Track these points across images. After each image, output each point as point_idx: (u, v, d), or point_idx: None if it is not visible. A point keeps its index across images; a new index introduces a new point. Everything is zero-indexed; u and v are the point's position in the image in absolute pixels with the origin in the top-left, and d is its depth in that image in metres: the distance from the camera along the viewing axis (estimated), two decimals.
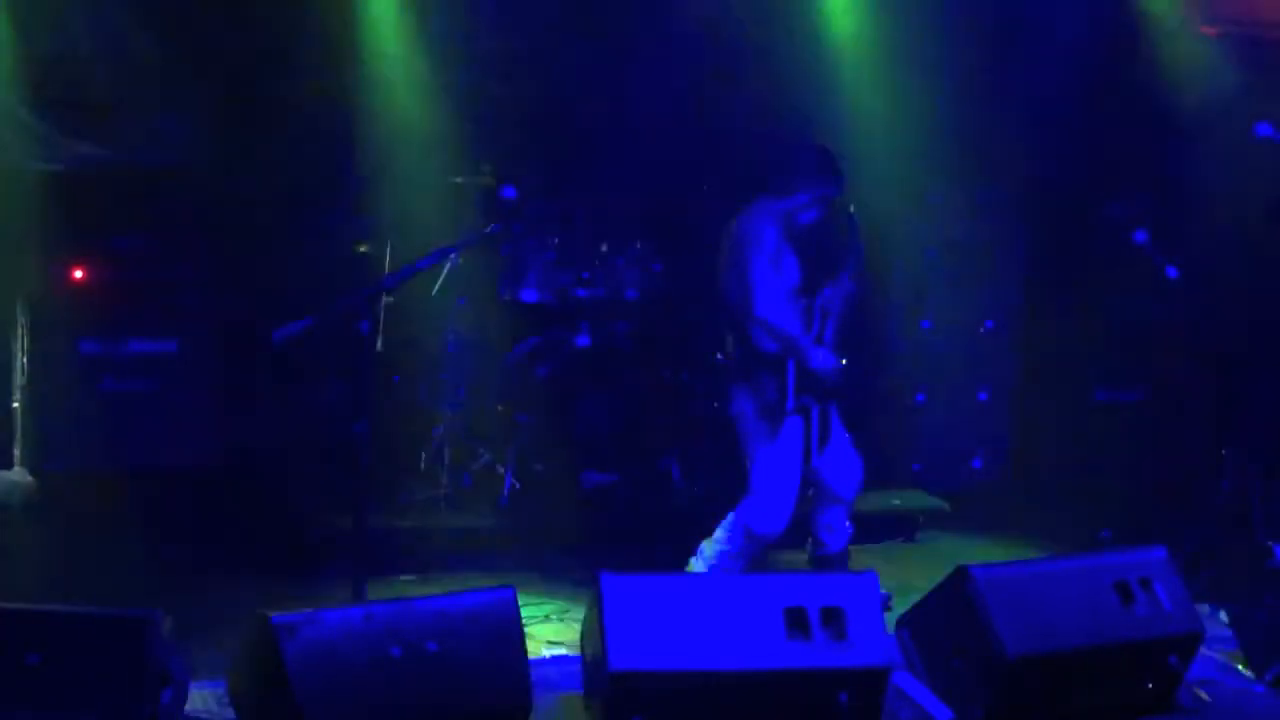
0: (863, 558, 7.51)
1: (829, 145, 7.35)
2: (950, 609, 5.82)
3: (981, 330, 9.81)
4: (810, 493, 7.24)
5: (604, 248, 8.45)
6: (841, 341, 7.12)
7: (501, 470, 8.22)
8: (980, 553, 8.30)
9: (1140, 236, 7.81)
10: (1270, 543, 6.46)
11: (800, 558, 7.47)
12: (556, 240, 8.43)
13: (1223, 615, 6.66)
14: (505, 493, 8.19)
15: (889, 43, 8.91)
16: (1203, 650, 6.09)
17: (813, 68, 8.92)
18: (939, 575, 6.04)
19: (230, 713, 5.47)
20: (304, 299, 8.04)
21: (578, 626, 6.21)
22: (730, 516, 7.11)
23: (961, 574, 5.77)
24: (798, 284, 7.06)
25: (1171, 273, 7.79)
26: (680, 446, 8.46)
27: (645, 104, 8.71)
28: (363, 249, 8.54)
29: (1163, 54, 9.23)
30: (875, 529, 7.93)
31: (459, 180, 8.45)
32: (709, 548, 7.10)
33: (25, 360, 9.23)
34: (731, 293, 7.06)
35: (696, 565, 7.07)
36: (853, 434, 7.32)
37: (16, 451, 9.21)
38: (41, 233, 8.96)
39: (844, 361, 7.13)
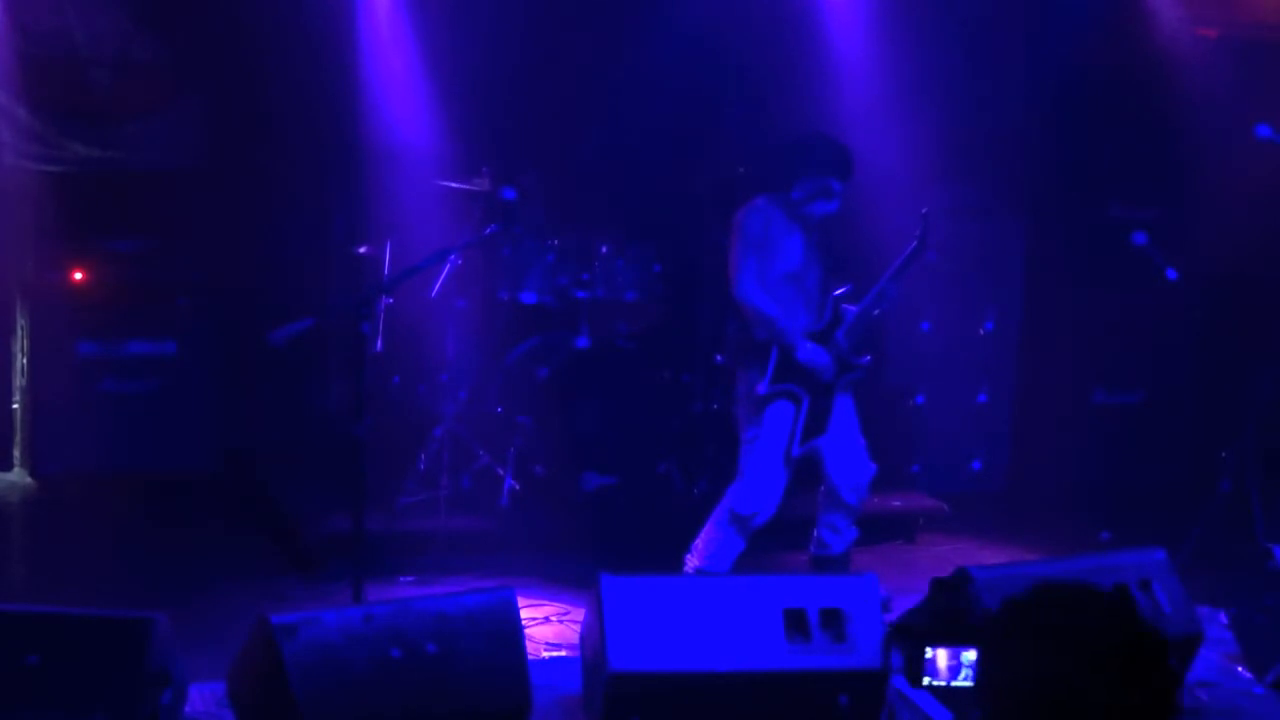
0: (862, 559, 7.51)
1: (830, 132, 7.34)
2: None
3: (981, 331, 9.81)
4: (821, 489, 7.24)
5: (603, 249, 8.45)
6: (861, 340, 7.11)
7: (501, 472, 8.22)
8: (979, 554, 8.30)
9: (1140, 238, 7.81)
10: (1270, 544, 6.46)
11: (800, 558, 7.46)
12: (556, 242, 8.43)
13: (1222, 617, 6.66)
14: (505, 494, 8.19)
15: (888, 43, 8.91)
16: (1202, 652, 6.09)
17: (812, 69, 8.92)
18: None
19: (230, 713, 5.47)
20: (304, 299, 8.07)
21: (577, 628, 6.22)
22: (719, 505, 7.12)
23: (962, 575, 5.77)
24: (796, 270, 7.02)
25: (1171, 274, 7.78)
26: (680, 448, 8.46)
27: (645, 106, 8.71)
28: (362, 249, 8.54)
29: (1163, 54, 9.24)
30: (874, 530, 7.92)
31: (458, 182, 8.44)
32: (701, 540, 7.10)
33: (25, 361, 9.24)
34: (728, 281, 7.10)
35: (690, 561, 7.07)
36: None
37: (16, 453, 9.22)
38: (41, 234, 8.98)
39: (866, 360, 7.13)
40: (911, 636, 5.30)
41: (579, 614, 6.26)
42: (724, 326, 7.66)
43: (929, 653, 5.22)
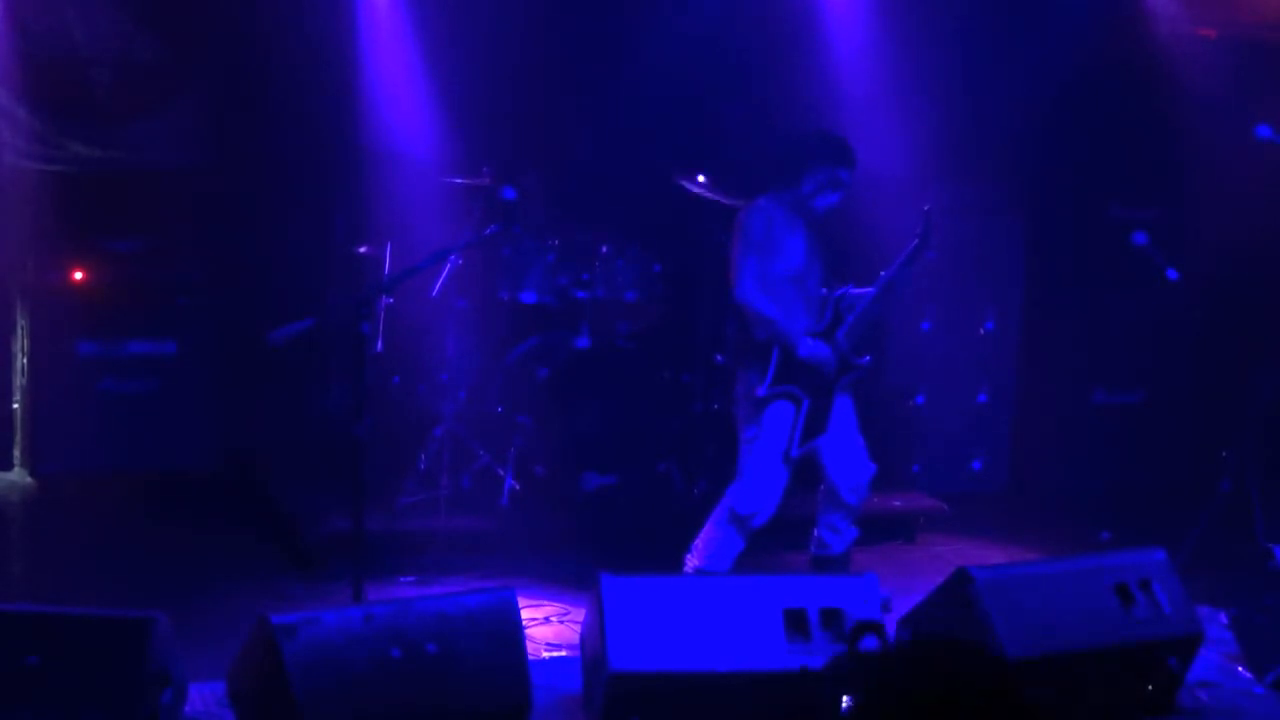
0: (862, 559, 7.51)
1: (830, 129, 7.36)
2: (950, 611, 5.81)
3: (981, 331, 9.81)
4: (821, 489, 7.25)
5: (604, 249, 8.45)
6: (861, 340, 7.10)
7: (501, 472, 8.22)
8: (980, 554, 8.30)
9: (1140, 238, 7.80)
10: (1270, 544, 6.45)
11: (800, 558, 7.46)
12: (556, 242, 8.43)
13: (1222, 617, 6.65)
14: (505, 494, 8.19)
15: (888, 43, 8.91)
16: (1202, 652, 6.08)
17: (812, 69, 8.92)
18: (938, 577, 6.03)
19: (230, 713, 5.47)
20: (304, 299, 8.08)
21: (577, 628, 6.22)
22: (719, 504, 7.13)
23: (961, 576, 5.76)
24: (799, 270, 7.02)
25: (1171, 274, 7.78)
26: (680, 448, 8.46)
27: (645, 106, 8.72)
28: (363, 249, 8.55)
29: (1163, 54, 9.25)
30: (875, 530, 7.92)
31: (458, 181, 8.45)
32: (701, 540, 7.11)
33: (25, 361, 9.24)
34: (728, 281, 7.10)
35: (690, 561, 7.07)
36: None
37: (16, 452, 9.22)
38: (41, 234, 8.98)
39: (866, 360, 7.12)
40: (830, 684, 5.20)
41: (579, 614, 6.26)
42: (724, 326, 7.66)
43: (844, 701, 5.13)
